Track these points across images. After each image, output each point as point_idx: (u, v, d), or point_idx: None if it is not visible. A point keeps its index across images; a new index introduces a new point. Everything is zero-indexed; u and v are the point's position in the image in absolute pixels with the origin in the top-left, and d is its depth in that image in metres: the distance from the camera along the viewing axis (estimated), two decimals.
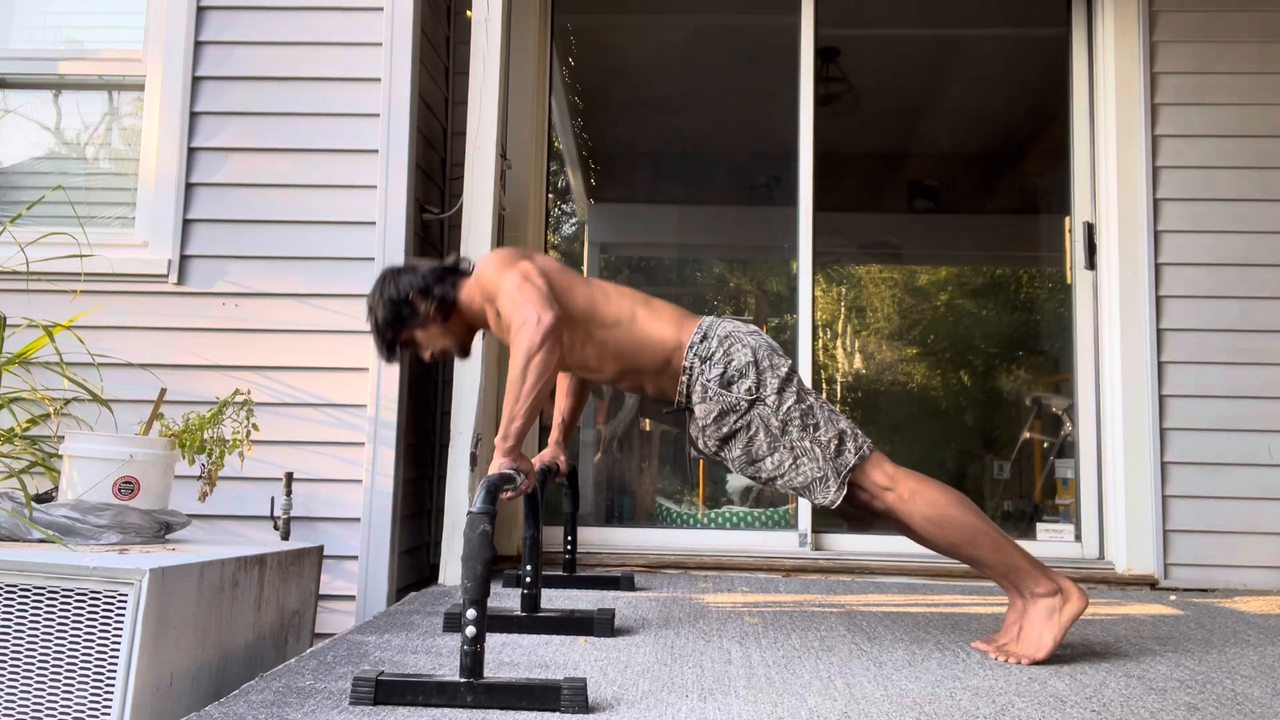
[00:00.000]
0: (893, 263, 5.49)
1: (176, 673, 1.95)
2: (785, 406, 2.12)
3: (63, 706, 1.84)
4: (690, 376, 2.17)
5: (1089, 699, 1.78)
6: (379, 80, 3.07)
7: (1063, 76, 3.71)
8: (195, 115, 3.10)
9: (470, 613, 1.64)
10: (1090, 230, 3.55)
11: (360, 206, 3.04)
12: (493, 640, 2.16)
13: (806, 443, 2.12)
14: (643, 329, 2.20)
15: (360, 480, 2.92)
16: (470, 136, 3.08)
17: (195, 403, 2.83)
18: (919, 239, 5.47)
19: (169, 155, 3.07)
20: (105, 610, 1.85)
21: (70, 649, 1.85)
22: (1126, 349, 3.36)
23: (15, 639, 1.87)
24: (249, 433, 2.66)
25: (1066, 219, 3.71)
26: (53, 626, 1.86)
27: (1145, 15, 3.47)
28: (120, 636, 1.84)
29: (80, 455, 2.37)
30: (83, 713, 1.83)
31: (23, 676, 1.86)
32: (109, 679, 1.83)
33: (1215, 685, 1.92)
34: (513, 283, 2.11)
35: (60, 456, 2.42)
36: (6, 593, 1.88)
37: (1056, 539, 3.55)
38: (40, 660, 1.86)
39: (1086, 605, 2.05)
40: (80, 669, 1.85)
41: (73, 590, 1.87)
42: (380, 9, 3.10)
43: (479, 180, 3.06)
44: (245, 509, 2.90)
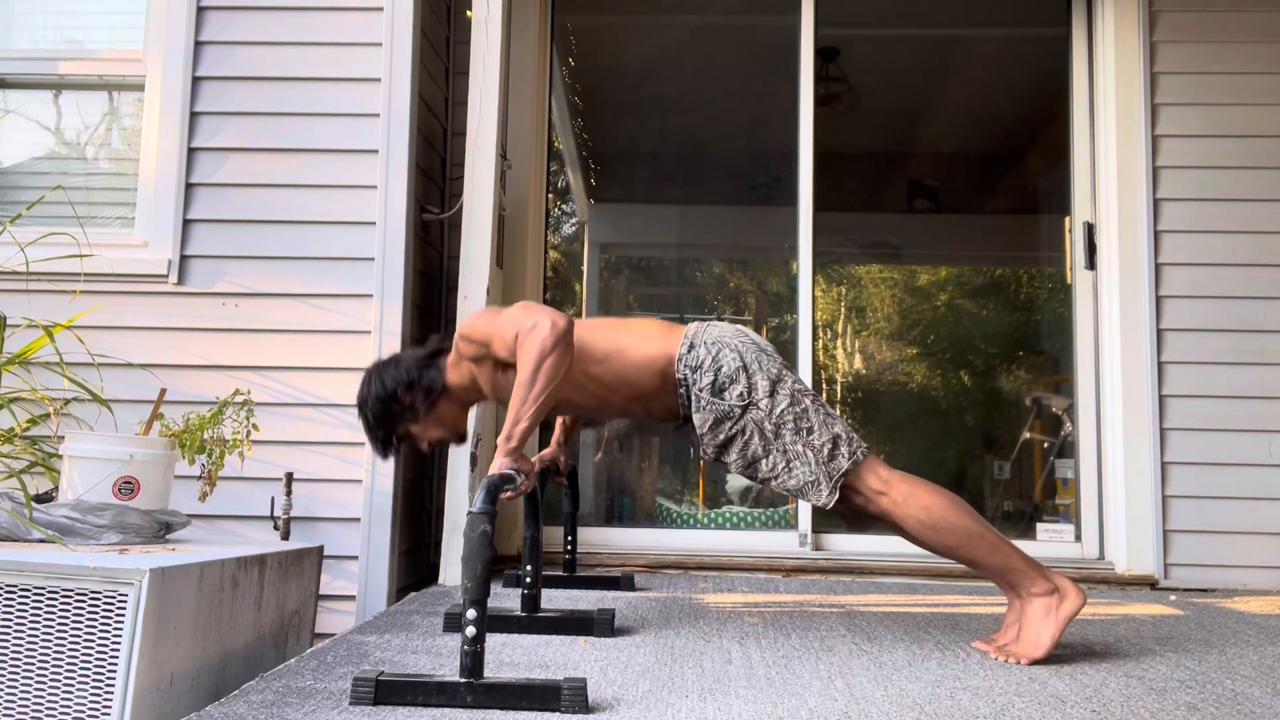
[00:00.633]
0: (893, 263, 5.49)
1: (176, 673, 1.95)
2: (779, 410, 2.13)
3: (63, 706, 1.84)
4: (686, 387, 2.17)
5: (1089, 699, 1.78)
6: (379, 80, 3.07)
7: (1063, 76, 3.71)
8: (195, 115, 3.10)
9: (470, 613, 1.64)
10: (1090, 230, 3.55)
11: (360, 207, 3.04)
12: (493, 640, 2.16)
13: (799, 446, 2.12)
14: (633, 355, 2.20)
15: (360, 480, 2.92)
16: (470, 136, 3.08)
17: (195, 403, 2.82)
18: (919, 239, 5.47)
19: (169, 155, 3.07)
20: (105, 610, 1.85)
21: (70, 649, 1.85)
22: (1126, 349, 3.37)
23: (15, 639, 1.87)
24: (249, 433, 2.66)
25: (1066, 219, 3.71)
26: (53, 626, 1.86)
27: (1145, 15, 3.47)
28: (120, 636, 1.84)
29: (80, 455, 2.37)
30: (83, 713, 1.83)
31: (23, 676, 1.86)
32: (109, 679, 1.83)
33: (1215, 685, 1.92)
34: (516, 308, 2.13)
35: (60, 456, 2.41)
36: (6, 593, 1.88)
37: (1056, 539, 3.55)
38: (40, 660, 1.86)
39: (1084, 603, 2.05)
40: (80, 669, 1.85)
41: (73, 590, 1.87)
42: (380, 9, 3.10)
43: (479, 180, 3.06)
44: (245, 509, 2.90)
